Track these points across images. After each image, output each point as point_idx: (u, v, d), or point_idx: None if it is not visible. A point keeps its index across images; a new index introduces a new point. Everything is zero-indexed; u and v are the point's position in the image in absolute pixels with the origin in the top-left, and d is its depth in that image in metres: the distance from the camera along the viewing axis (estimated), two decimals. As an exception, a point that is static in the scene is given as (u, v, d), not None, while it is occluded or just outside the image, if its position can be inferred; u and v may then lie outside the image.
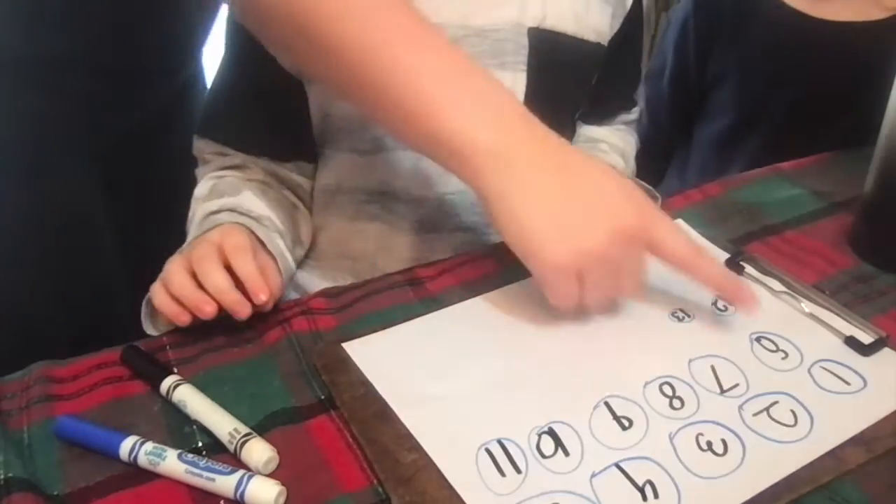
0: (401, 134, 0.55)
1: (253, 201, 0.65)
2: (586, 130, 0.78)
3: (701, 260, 0.53)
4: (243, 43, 0.66)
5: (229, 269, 0.55)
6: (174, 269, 0.55)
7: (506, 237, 0.52)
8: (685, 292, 0.60)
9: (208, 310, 0.52)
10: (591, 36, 0.69)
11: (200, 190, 0.67)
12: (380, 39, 0.51)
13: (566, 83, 0.71)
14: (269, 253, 0.61)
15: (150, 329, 0.58)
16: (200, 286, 0.53)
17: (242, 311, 0.54)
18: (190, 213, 0.66)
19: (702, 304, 0.59)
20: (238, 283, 0.54)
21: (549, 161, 0.51)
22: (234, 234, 0.58)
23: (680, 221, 0.69)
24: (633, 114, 0.83)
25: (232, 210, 0.63)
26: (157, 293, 0.55)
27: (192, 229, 0.64)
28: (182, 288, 0.53)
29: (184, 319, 0.54)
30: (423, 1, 0.62)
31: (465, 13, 0.64)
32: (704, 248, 0.53)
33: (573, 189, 0.51)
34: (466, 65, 0.52)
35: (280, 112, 0.67)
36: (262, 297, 0.54)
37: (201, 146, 0.70)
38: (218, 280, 0.53)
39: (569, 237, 0.50)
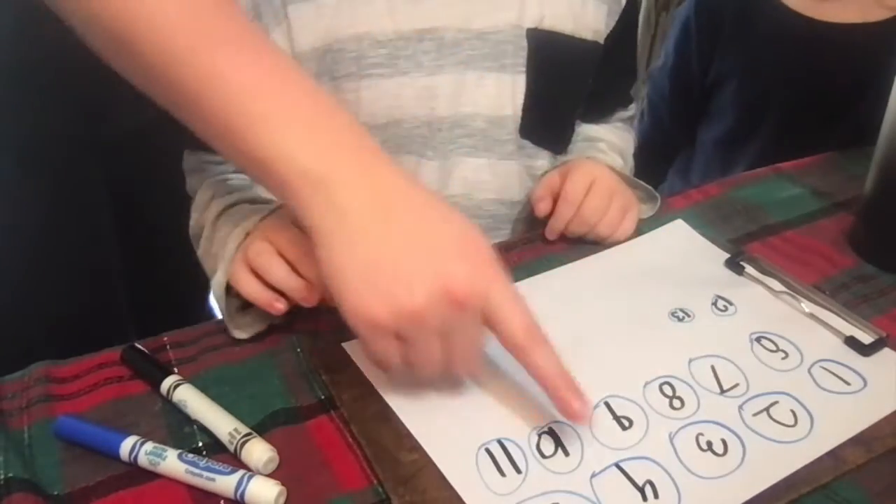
0: (221, 150, 0.48)
1: (268, 193, 0.63)
2: (584, 129, 0.78)
3: (537, 349, 0.45)
4: None
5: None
6: (270, 259, 0.52)
7: (324, 279, 0.45)
8: (685, 292, 0.60)
9: (313, 298, 0.52)
10: (588, 35, 0.69)
11: (202, 196, 0.65)
12: (196, 44, 0.44)
13: (566, 83, 0.71)
14: None
15: (237, 333, 0.55)
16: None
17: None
18: (193, 221, 0.65)
19: (702, 304, 0.59)
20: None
21: (378, 199, 0.44)
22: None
23: (680, 221, 0.69)
24: (630, 110, 0.82)
25: (252, 201, 0.62)
26: (248, 283, 0.53)
27: (207, 228, 0.62)
28: (284, 279, 0.52)
29: (280, 307, 0.53)
30: (421, 4, 0.62)
31: (464, 17, 0.64)
32: (543, 335, 0.45)
33: (401, 237, 0.44)
34: (297, 79, 0.46)
35: None
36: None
37: (194, 159, 0.68)
38: (313, 270, 0.51)
39: (385, 293, 0.43)
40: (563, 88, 0.71)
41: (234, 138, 0.45)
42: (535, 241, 0.67)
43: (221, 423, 0.47)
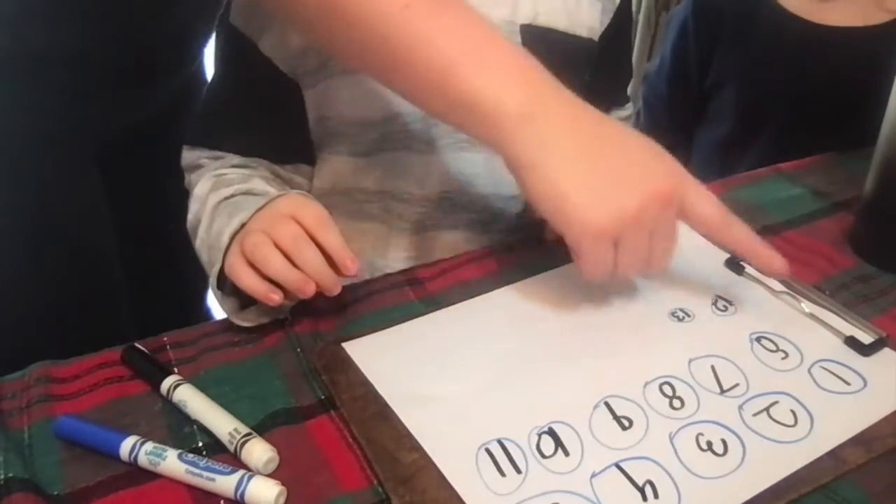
0: (425, 101, 0.53)
1: (265, 186, 0.64)
2: None
3: (730, 224, 0.54)
4: (237, 49, 0.65)
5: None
6: (267, 251, 0.52)
7: (540, 205, 0.51)
8: (685, 292, 0.60)
9: (310, 290, 0.52)
10: (582, 31, 0.68)
11: (201, 188, 0.66)
12: (401, 4, 0.49)
13: (559, 79, 0.70)
14: None
15: (239, 320, 0.55)
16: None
17: (335, 288, 0.53)
18: (191, 213, 0.65)
19: (702, 304, 0.59)
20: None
21: (580, 126, 0.51)
22: (308, 205, 0.55)
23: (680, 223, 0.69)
24: (626, 110, 0.81)
25: (247, 193, 0.62)
26: (246, 276, 0.53)
27: (205, 219, 0.62)
28: (282, 271, 0.52)
29: (276, 298, 0.52)
30: None
31: None
32: (732, 215, 0.54)
33: (607, 154, 0.51)
34: (489, 30, 0.52)
35: (278, 115, 0.67)
36: (352, 269, 0.53)
37: (193, 156, 0.69)
38: (315, 260, 0.52)
39: (607, 202, 0.49)
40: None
41: (444, 85, 0.50)
42: (536, 242, 0.67)
43: (221, 423, 0.47)
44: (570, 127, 0.51)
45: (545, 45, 0.65)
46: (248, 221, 0.56)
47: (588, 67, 0.72)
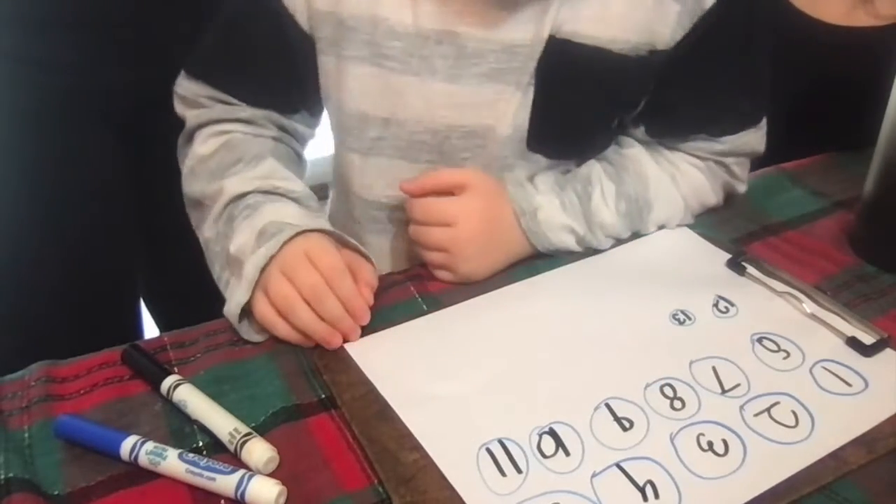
0: None
1: (278, 170, 0.63)
2: (630, 149, 0.68)
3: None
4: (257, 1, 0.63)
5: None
6: (294, 304, 0.53)
7: None
8: (686, 293, 0.60)
9: (337, 342, 0.54)
10: (635, 44, 0.60)
11: (204, 147, 0.64)
12: None
13: (580, 94, 0.63)
14: (348, 244, 0.59)
15: (253, 336, 0.56)
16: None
17: (353, 336, 0.55)
18: (187, 169, 0.64)
19: (703, 305, 0.59)
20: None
21: None
22: (323, 251, 0.55)
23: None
24: (723, 143, 0.67)
25: (267, 192, 0.60)
26: (280, 328, 0.54)
27: (215, 213, 0.61)
28: (310, 324, 0.53)
29: (310, 344, 0.55)
30: (446, 4, 0.59)
31: (489, 24, 0.59)
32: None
33: None
34: None
35: (290, 68, 0.65)
36: (364, 320, 0.55)
37: (195, 88, 0.66)
38: (336, 311, 0.54)
39: None
40: (577, 100, 0.63)
41: None
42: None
43: (221, 423, 0.47)
44: None
45: (568, 59, 0.60)
46: (276, 255, 0.55)
47: (642, 82, 0.63)
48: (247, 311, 0.55)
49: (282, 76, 0.66)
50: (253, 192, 0.60)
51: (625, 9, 0.60)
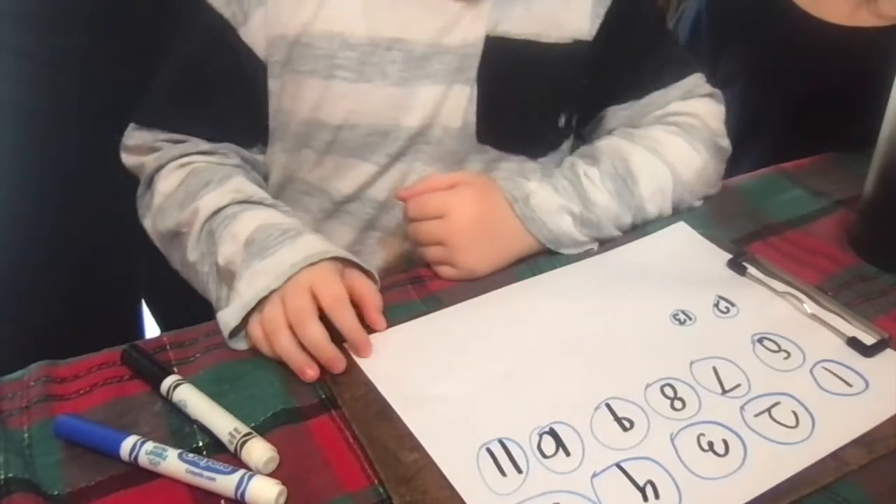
0: None
1: (249, 184, 0.63)
2: (602, 141, 0.72)
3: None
4: (213, 36, 0.64)
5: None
6: (277, 328, 0.52)
7: None
8: (687, 294, 0.60)
9: (310, 376, 0.52)
10: (558, 36, 0.66)
11: (169, 183, 0.63)
12: None
13: (524, 87, 0.68)
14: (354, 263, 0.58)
15: (238, 345, 0.55)
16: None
17: (335, 366, 0.52)
18: (155, 208, 0.63)
19: (704, 306, 0.59)
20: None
21: None
22: (328, 281, 0.54)
23: (682, 223, 0.69)
24: (677, 89, 0.72)
25: (243, 202, 0.60)
26: (264, 348, 0.53)
27: (195, 234, 0.60)
28: (287, 351, 0.52)
29: (312, 375, 0.52)
30: (396, 13, 0.62)
31: (437, 30, 0.63)
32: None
33: None
34: None
35: (248, 100, 0.66)
36: (365, 353, 0.54)
37: (149, 136, 0.66)
38: (316, 338, 0.52)
39: None
40: (517, 91, 0.68)
41: None
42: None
43: (221, 423, 0.47)
44: None
45: (509, 55, 0.65)
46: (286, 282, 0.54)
47: (579, 71, 0.69)
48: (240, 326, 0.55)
49: (241, 109, 0.67)
50: (230, 205, 0.60)
51: (544, 6, 0.66)
